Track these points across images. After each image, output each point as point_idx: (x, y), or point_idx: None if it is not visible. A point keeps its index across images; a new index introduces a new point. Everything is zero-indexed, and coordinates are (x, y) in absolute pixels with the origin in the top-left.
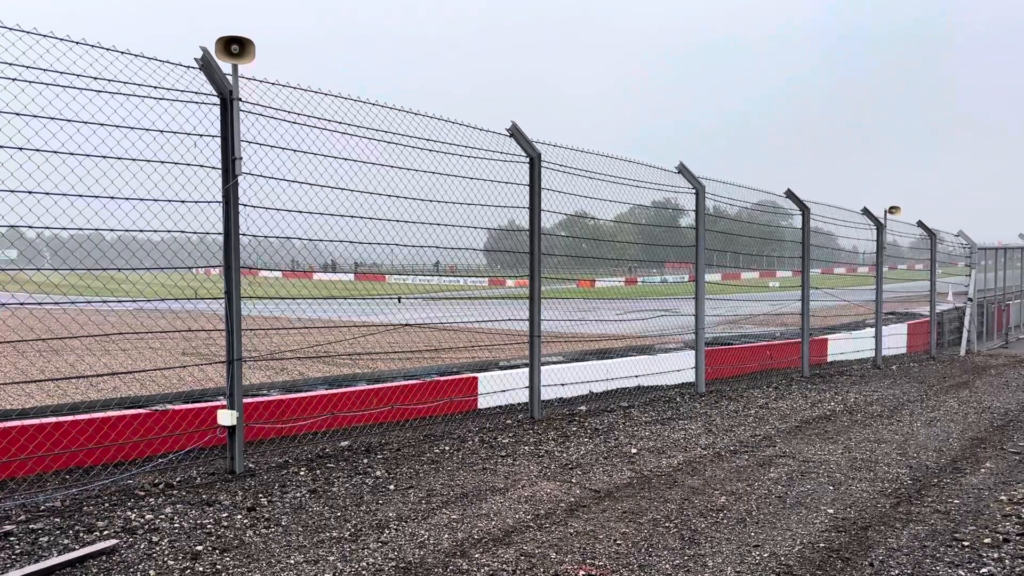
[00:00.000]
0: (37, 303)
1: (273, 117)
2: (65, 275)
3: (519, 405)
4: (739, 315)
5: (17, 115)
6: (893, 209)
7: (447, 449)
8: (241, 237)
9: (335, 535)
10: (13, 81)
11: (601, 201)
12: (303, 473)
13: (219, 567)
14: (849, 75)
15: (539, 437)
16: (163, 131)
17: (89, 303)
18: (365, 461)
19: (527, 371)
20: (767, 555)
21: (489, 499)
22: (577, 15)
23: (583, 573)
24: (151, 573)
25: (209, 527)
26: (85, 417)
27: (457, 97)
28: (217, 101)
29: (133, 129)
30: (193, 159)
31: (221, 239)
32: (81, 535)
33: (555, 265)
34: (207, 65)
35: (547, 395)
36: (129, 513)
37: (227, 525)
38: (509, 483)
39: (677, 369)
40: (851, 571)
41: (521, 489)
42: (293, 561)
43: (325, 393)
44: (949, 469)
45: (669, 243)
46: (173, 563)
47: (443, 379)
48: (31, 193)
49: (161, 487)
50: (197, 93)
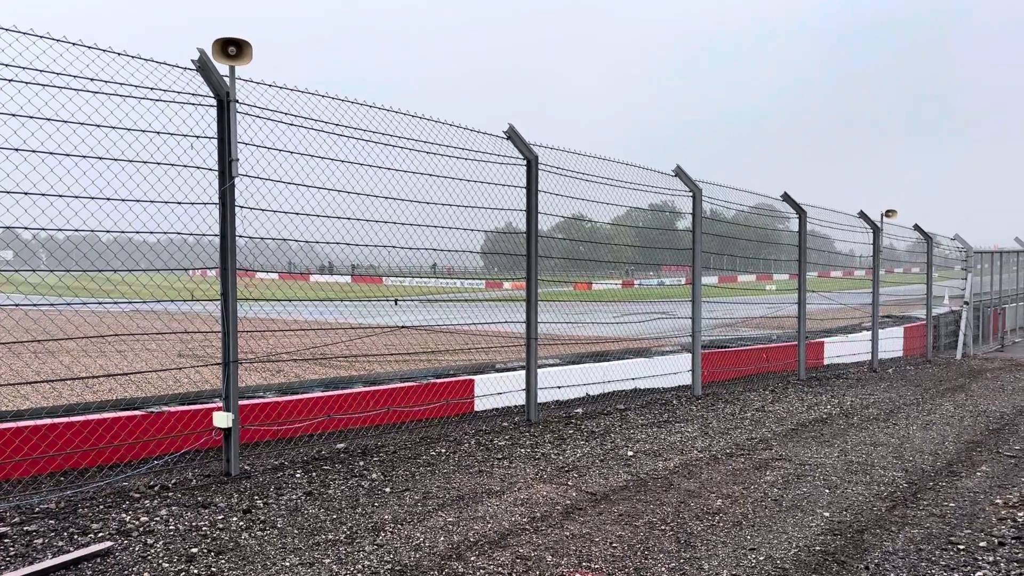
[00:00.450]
0: (32, 304)
1: (270, 119)
2: (61, 276)
3: (516, 408)
4: (736, 318)
5: (13, 116)
6: (890, 212)
7: (443, 452)
8: (237, 239)
9: (331, 537)
10: (9, 82)
11: (598, 204)
12: (299, 475)
13: (214, 569)
14: (850, 74)
15: (535, 440)
16: (160, 132)
17: (85, 304)
18: (361, 463)
19: (524, 374)
20: (763, 558)
21: (485, 502)
22: (577, 15)
23: None
24: (146, 575)
25: (204, 529)
26: (80, 419)
27: (455, 97)
28: (214, 103)
29: (130, 130)
30: (190, 160)
31: (217, 241)
32: (76, 537)
33: (552, 267)
34: (204, 67)
35: (544, 398)
36: (124, 515)
37: (223, 527)
38: (505, 486)
39: (674, 372)
40: (847, 574)
41: (517, 492)
42: (288, 563)
43: (321, 395)
44: (945, 472)
45: (666, 246)
46: (168, 565)
47: (439, 381)
48: (27, 194)
49: (156, 489)
50: (194, 95)
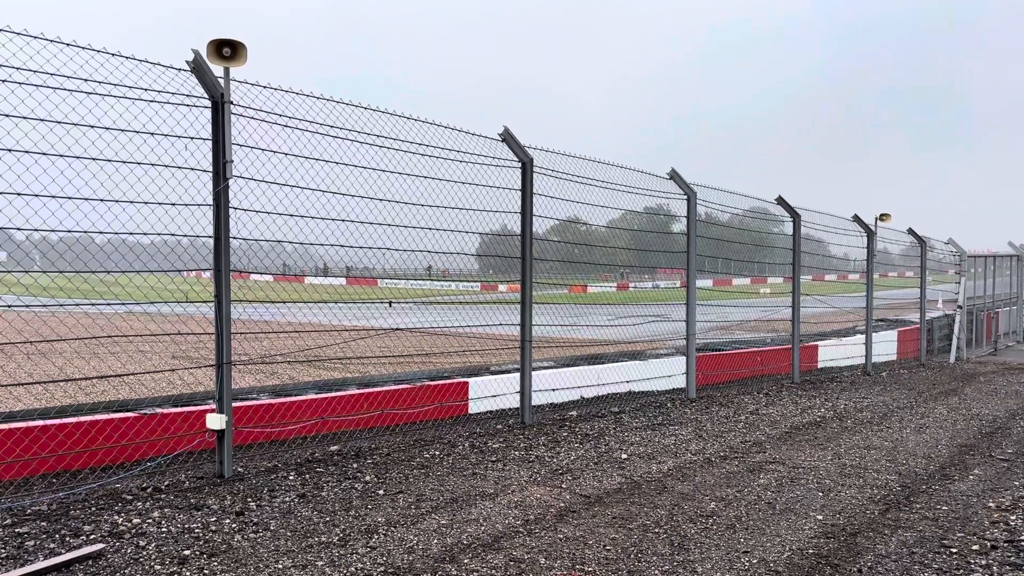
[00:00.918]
0: (25, 306)
1: (264, 120)
2: (54, 277)
3: (510, 410)
4: (730, 321)
5: (7, 116)
6: (883, 216)
7: (437, 454)
8: (232, 240)
9: (324, 540)
10: (3, 83)
11: (593, 207)
12: (292, 478)
13: (207, 571)
14: (848, 74)
15: (530, 442)
16: (154, 133)
17: (78, 306)
18: (355, 466)
19: (518, 376)
20: (756, 561)
21: (479, 504)
22: (577, 15)
23: None
24: None
25: (197, 531)
26: (73, 420)
27: (455, 96)
28: (208, 104)
29: (124, 131)
30: (184, 162)
31: (212, 242)
32: (68, 539)
33: (547, 270)
34: (198, 68)
35: (538, 400)
36: (116, 517)
37: (215, 530)
38: (499, 488)
39: (668, 375)
40: None
41: (511, 494)
42: (281, 566)
43: (315, 397)
44: (938, 476)
45: (661, 249)
46: (160, 568)
47: (434, 384)
48: (20, 195)
49: (149, 491)
50: (188, 96)
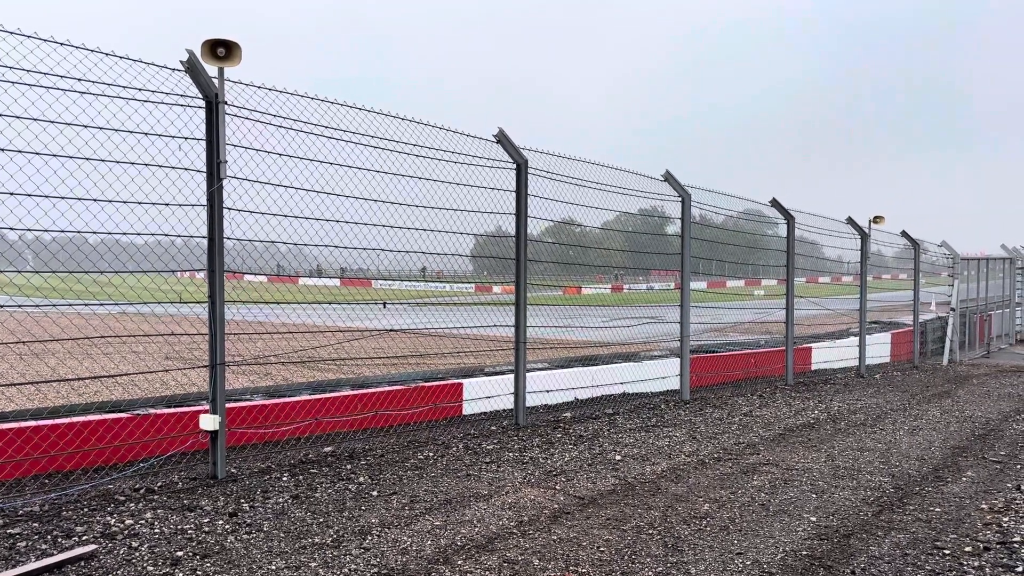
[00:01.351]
0: (18, 306)
1: (259, 120)
2: (47, 278)
3: (504, 411)
4: (724, 323)
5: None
6: (877, 219)
7: (431, 455)
8: (226, 241)
9: (317, 541)
10: None
11: (588, 208)
12: (286, 479)
13: (199, 573)
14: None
15: (524, 444)
16: (148, 133)
17: (71, 306)
18: (348, 467)
19: (512, 377)
20: (750, 563)
21: (473, 506)
22: (576, 15)
23: None
24: None
25: (190, 532)
26: (65, 421)
27: (453, 96)
28: (203, 104)
29: (117, 131)
30: (178, 162)
31: (205, 243)
32: (59, 540)
33: (542, 271)
34: (193, 68)
35: (532, 401)
36: (109, 518)
37: (208, 531)
38: (493, 490)
39: (662, 376)
40: None
41: (505, 496)
42: (275, 567)
43: (309, 398)
44: (931, 478)
45: (655, 251)
46: (153, 569)
47: (428, 385)
48: (13, 194)
49: (142, 492)
50: (182, 96)
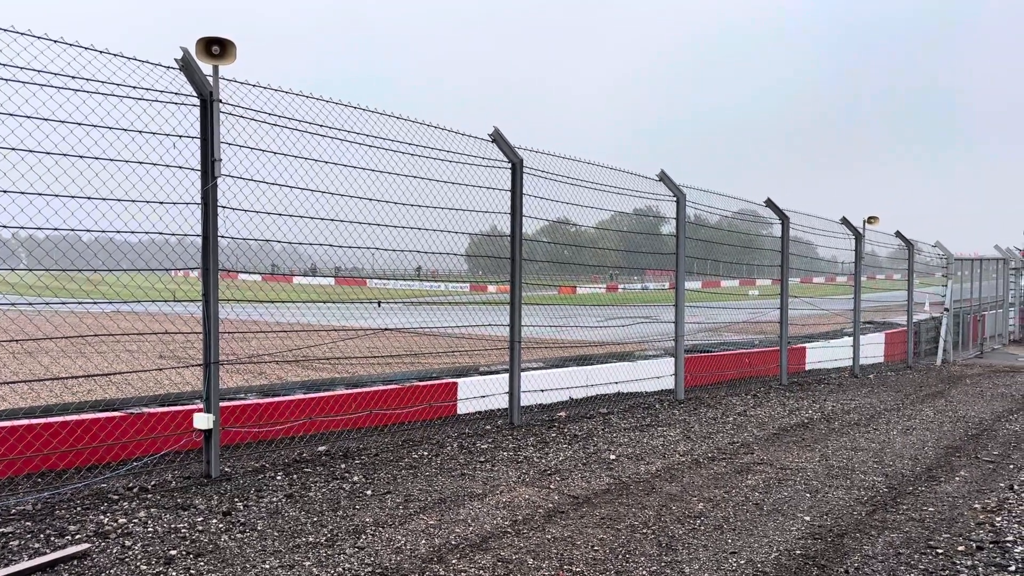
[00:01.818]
0: (11, 304)
1: (254, 119)
2: (40, 276)
3: (499, 411)
4: (718, 323)
5: None
6: (872, 219)
7: (425, 454)
8: (220, 240)
9: (311, 540)
10: None
11: (583, 208)
12: (280, 478)
13: (193, 572)
14: (844, 75)
15: (518, 443)
16: (142, 131)
17: (65, 304)
18: (343, 466)
19: (507, 377)
20: (744, 562)
21: (467, 505)
22: (576, 15)
23: None
24: None
25: (184, 531)
26: (58, 420)
27: (452, 95)
28: (197, 102)
29: (112, 129)
30: (172, 160)
31: (200, 241)
32: (52, 539)
33: (537, 271)
34: (187, 66)
35: (527, 401)
36: (102, 517)
37: (202, 530)
38: (487, 489)
39: (657, 376)
40: None
41: (499, 495)
42: (268, 566)
43: (303, 397)
44: (924, 477)
45: (650, 250)
46: (146, 568)
47: (422, 384)
48: (6, 192)
49: (135, 491)
50: (177, 94)
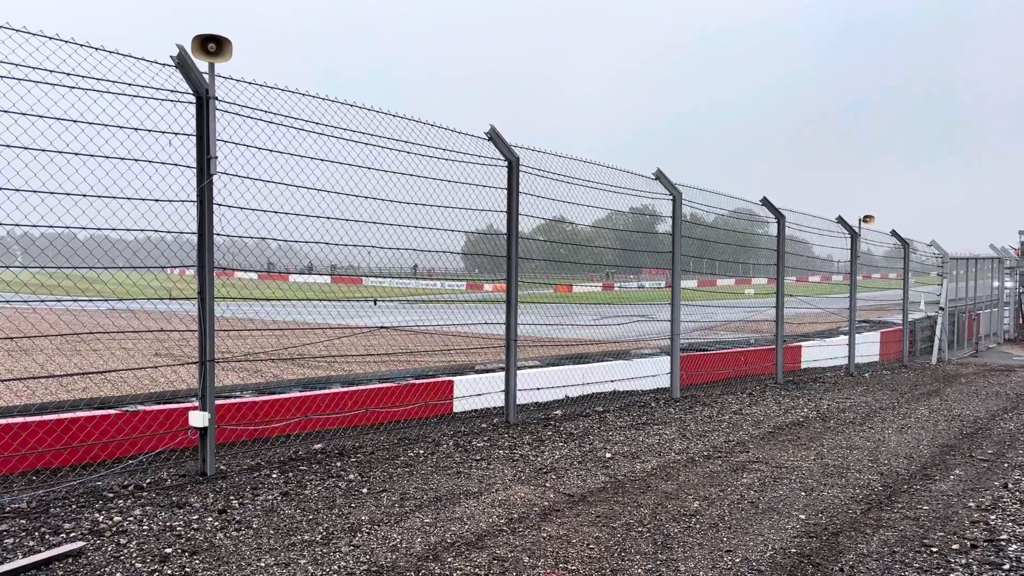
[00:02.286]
0: (6, 302)
1: (250, 117)
2: (36, 273)
3: (495, 409)
4: (714, 321)
5: None
6: (867, 218)
7: (421, 452)
8: (216, 237)
9: (307, 538)
10: None
11: (579, 206)
12: (275, 476)
13: (188, 570)
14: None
15: (514, 441)
16: (138, 129)
17: (60, 302)
18: (338, 464)
19: (503, 375)
20: (739, 560)
21: (463, 503)
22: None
23: None
24: (118, 575)
25: (179, 529)
26: (53, 417)
27: (446, 92)
28: (193, 100)
29: (107, 126)
30: (168, 158)
31: (195, 239)
32: (47, 537)
33: (533, 269)
34: (183, 63)
35: (523, 399)
36: (97, 515)
37: (197, 527)
38: (483, 487)
39: (652, 374)
40: None
41: (495, 493)
42: (264, 564)
43: (299, 395)
44: (919, 476)
45: (646, 249)
46: (141, 566)
47: (418, 382)
48: (2, 189)
49: (130, 489)
50: (173, 91)
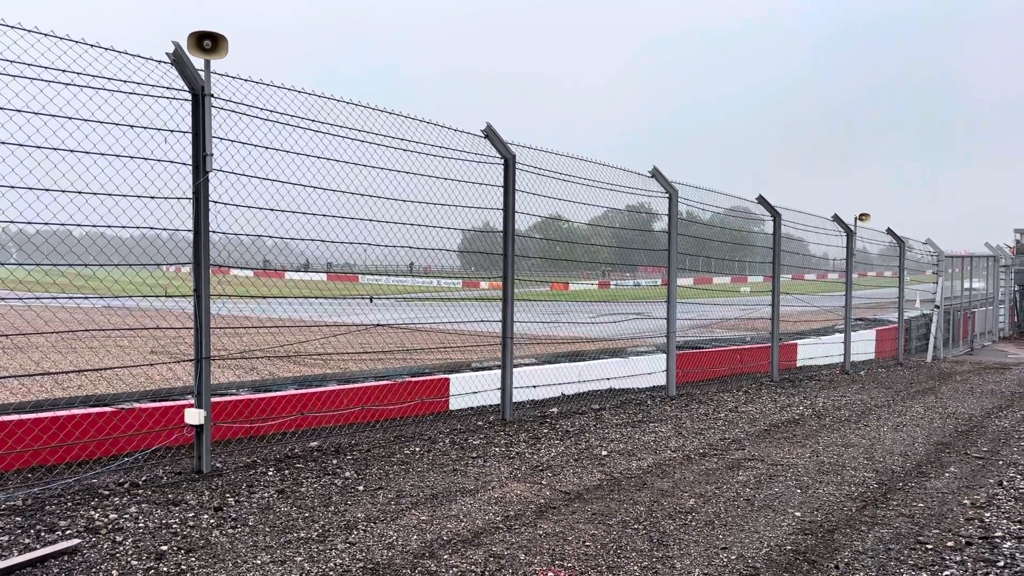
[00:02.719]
0: (1, 299)
1: (245, 114)
2: (31, 271)
3: (491, 407)
4: (710, 319)
5: None
6: (863, 216)
7: (417, 450)
8: (212, 235)
9: (303, 536)
10: None
11: (576, 204)
12: (271, 473)
13: (184, 567)
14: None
15: (510, 439)
16: (133, 126)
17: (55, 299)
18: (334, 461)
19: (499, 373)
20: (735, 557)
21: (459, 500)
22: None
23: (551, 574)
24: (114, 573)
25: (175, 527)
26: (49, 415)
27: (444, 90)
28: (189, 97)
29: (103, 123)
30: (164, 155)
31: (191, 236)
32: (43, 534)
33: (529, 267)
34: (179, 60)
35: (519, 397)
36: (92, 512)
37: (193, 525)
38: (479, 484)
39: (648, 372)
40: (817, 573)
41: (491, 490)
42: (259, 561)
43: (295, 393)
44: (914, 473)
45: (642, 247)
46: (137, 563)
47: (414, 380)
48: None
49: (126, 486)
50: (168, 88)
